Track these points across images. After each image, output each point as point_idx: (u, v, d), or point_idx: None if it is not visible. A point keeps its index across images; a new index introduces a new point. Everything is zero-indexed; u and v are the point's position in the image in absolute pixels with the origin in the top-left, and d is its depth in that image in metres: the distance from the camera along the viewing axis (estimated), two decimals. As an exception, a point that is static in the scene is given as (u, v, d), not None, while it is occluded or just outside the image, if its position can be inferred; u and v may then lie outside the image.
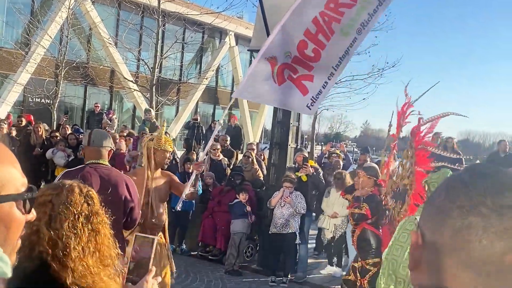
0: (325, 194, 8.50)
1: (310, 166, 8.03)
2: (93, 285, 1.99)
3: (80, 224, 2.07)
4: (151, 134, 5.14)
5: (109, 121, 14.95)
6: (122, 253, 2.30)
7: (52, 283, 1.91)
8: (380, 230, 6.22)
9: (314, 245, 9.99)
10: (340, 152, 12.08)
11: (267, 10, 7.94)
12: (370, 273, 5.99)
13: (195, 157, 10.88)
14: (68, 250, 1.97)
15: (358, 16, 5.99)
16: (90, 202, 2.18)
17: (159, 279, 2.30)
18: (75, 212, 2.09)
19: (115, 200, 3.89)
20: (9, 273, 1.10)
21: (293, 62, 5.98)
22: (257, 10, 8.50)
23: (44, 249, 1.92)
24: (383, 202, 6.27)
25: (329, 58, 6.08)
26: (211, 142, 6.43)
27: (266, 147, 20.57)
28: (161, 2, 14.61)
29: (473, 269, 0.88)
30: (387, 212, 6.16)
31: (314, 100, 6.24)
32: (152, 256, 2.26)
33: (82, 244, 2.03)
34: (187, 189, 5.02)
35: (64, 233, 1.99)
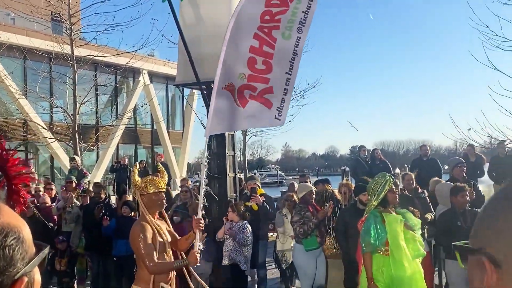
0: (277, 218, 8.32)
1: (260, 194, 7.96)
2: None
3: None
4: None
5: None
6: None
7: None
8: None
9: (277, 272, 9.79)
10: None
11: (189, 43, 7.93)
12: None
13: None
14: None
15: (294, 17, 6.22)
16: None
17: None
18: None
19: None
20: None
21: (249, 81, 6.14)
22: (179, 45, 8.46)
23: None
24: None
25: (280, 65, 6.27)
26: (203, 187, 5.69)
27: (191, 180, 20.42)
28: (74, 48, 14.23)
29: None
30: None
31: (280, 110, 6.40)
32: None
33: None
34: (197, 247, 4.93)
35: None
